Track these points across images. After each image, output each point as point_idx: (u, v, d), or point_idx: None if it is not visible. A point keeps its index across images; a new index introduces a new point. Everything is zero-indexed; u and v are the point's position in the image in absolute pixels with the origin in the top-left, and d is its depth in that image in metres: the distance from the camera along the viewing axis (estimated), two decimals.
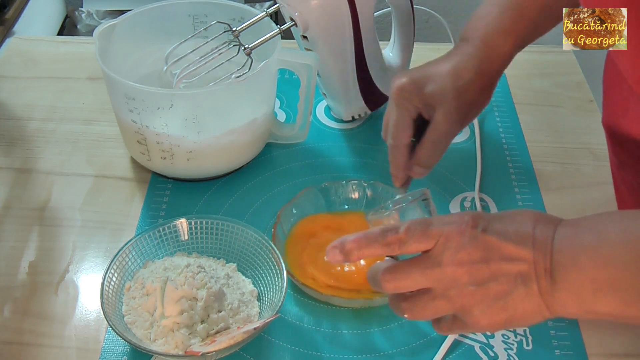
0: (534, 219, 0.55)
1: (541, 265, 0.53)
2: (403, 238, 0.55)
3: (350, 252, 0.56)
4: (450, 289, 0.55)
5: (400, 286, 0.56)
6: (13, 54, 1.07)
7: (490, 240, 0.54)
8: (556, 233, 0.54)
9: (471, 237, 0.54)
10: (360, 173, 0.87)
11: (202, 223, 0.75)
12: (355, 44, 0.84)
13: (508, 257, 0.54)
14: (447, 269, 0.54)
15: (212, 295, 0.66)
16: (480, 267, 0.54)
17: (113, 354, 0.67)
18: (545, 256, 0.53)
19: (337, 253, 0.57)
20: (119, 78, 0.76)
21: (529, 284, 0.53)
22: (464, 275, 0.54)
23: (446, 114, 0.70)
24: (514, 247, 0.54)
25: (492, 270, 0.54)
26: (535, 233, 0.54)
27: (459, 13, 2.06)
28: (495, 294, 0.54)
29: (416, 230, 0.55)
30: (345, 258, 0.57)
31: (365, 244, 0.56)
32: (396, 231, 0.55)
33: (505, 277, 0.54)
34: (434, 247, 0.55)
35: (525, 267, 0.54)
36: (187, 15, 0.88)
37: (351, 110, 0.92)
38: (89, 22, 1.91)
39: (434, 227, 0.55)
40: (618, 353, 0.68)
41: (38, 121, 0.94)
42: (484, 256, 0.54)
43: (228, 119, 0.80)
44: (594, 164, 0.88)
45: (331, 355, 0.68)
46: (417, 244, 0.55)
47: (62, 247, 0.78)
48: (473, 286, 0.54)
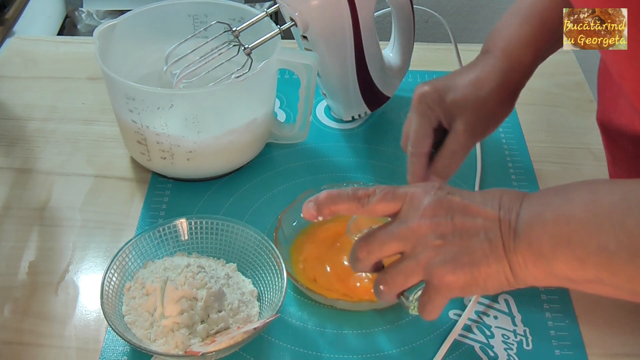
0: (501, 191, 0.58)
1: (506, 224, 0.55)
2: (371, 193, 0.59)
3: (323, 204, 0.60)
4: (416, 247, 0.57)
5: (372, 249, 0.59)
6: (13, 54, 1.07)
7: (455, 199, 0.57)
8: (524, 200, 0.56)
9: (436, 197, 0.57)
10: (361, 173, 0.87)
11: (202, 223, 0.75)
12: (355, 44, 0.84)
13: (472, 214, 0.56)
14: (412, 225, 0.57)
15: (212, 295, 0.66)
16: (444, 222, 0.56)
17: (113, 354, 0.67)
18: (510, 215, 0.55)
19: (311, 206, 0.61)
20: (119, 78, 0.76)
21: (494, 240, 0.55)
22: (427, 230, 0.56)
23: (467, 123, 0.70)
24: (478, 207, 0.57)
25: (456, 224, 0.56)
26: (502, 198, 0.57)
27: (459, 13, 2.06)
28: (459, 248, 0.56)
29: (384, 188, 0.59)
30: (318, 212, 0.60)
31: (337, 196, 0.60)
32: (366, 188, 0.60)
33: (469, 232, 0.56)
34: (400, 208, 0.58)
35: (490, 224, 0.56)
36: (187, 15, 0.88)
37: (351, 110, 0.92)
38: (89, 22, 1.91)
39: (401, 189, 0.59)
40: (618, 353, 0.68)
41: (38, 121, 0.94)
42: (447, 213, 0.57)
43: (228, 119, 0.80)
44: (594, 164, 0.88)
45: (331, 355, 0.68)
46: (384, 201, 0.59)
47: (62, 247, 0.78)
48: (438, 240, 0.56)
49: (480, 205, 0.57)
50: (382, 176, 0.86)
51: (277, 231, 0.74)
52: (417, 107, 0.72)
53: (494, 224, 0.56)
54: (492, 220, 0.56)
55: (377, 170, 0.87)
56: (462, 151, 0.71)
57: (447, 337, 0.68)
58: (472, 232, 0.56)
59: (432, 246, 0.56)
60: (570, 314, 0.71)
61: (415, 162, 0.72)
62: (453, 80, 0.73)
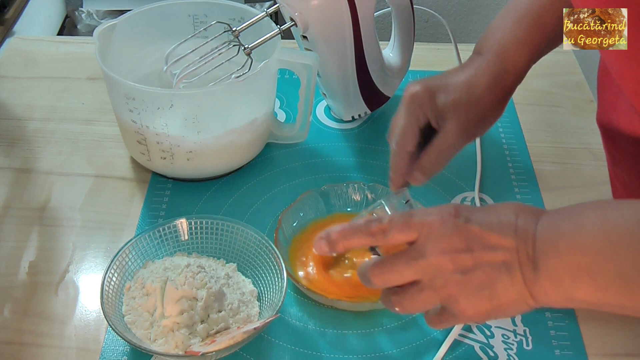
0: (516, 210, 0.56)
1: (524, 254, 0.54)
2: (386, 228, 0.57)
3: (336, 242, 0.58)
4: (435, 279, 0.56)
5: (388, 279, 0.57)
6: (13, 54, 1.07)
7: (472, 229, 0.55)
8: (538, 222, 0.55)
9: (453, 227, 0.55)
10: (361, 173, 0.87)
11: (202, 223, 0.75)
12: (355, 44, 0.83)
13: (491, 245, 0.55)
14: (431, 258, 0.55)
15: (212, 295, 0.66)
16: (464, 256, 0.55)
17: (113, 354, 0.67)
18: (527, 244, 0.54)
19: (323, 244, 0.59)
20: (119, 78, 0.76)
21: (513, 272, 0.54)
22: (448, 264, 0.55)
23: (457, 125, 0.70)
24: (496, 236, 0.55)
25: (475, 258, 0.55)
26: (518, 222, 0.55)
27: (459, 13, 2.06)
28: (480, 282, 0.55)
29: (399, 220, 0.57)
30: (331, 248, 0.58)
31: (350, 233, 0.58)
32: (379, 221, 0.57)
33: (489, 265, 0.55)
34: (417, 238, 0.56)
35: (509, 256, 0.54)
36: (187, 15, 0.88)
37: (351, 110, 0.92)
38: (89, 22, 1.91)
39: (416, 218, 0.57)
40: (618, 353, 0.68)
41: (38, 121, 0.94)
42: (467, 245, 0.55)
43: (228, 119, 0.80)
44: (593, 164, 0.88)
45: (331, 355, 0.68)
46: (400, 234, 0.57)
47: (62, 247, 0.78)
48: (458, 275, 0.55)
49: (497, 233, 0.55)
50: (382, 176, 0.85)
51: (277, 232, 0.74)
52: (407, 105, 0.71)
53: (512, 255, 0.54)
54: (511, 249, 0.54)
55: (377, 170, 0.87)
56: (449, 151, 0.71)
57: (447, 337, 0.68)
58: (492, 264, 0.55)
59: (453, 281, 0.55)
60: (570, 314, 0.71)
61: (397, 158, 0.72)
62: (445, 81, 0.72)
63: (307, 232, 0.77)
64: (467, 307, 0.55)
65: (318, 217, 0.78)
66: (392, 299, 0.58)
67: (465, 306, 0.55)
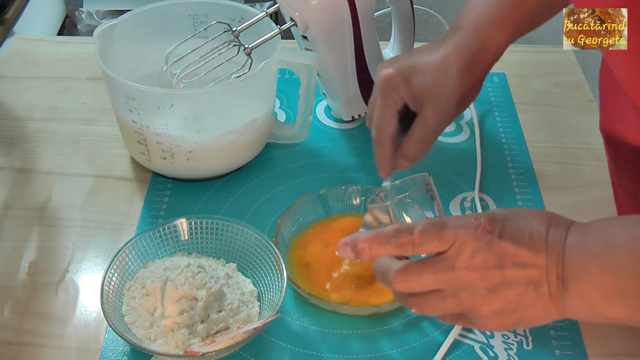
0: (547, 221, 0.55)
1: (553, 271, 0.54)
2: (417, 240, 0.55)
3: (362, 251, 0.57)
4: (461, 292, 0.55)
5: (412, 287, 0.56)
6: (13, 54, 1.07)
7: (505, 246, 0.54)
8: (567, 238, 0.54)
9: (487, 243, 0.54)
10: (361, 173, 0.87)
11: (202, 223, 0.74)
12: (355, 44, 0.83)
13: (522, 263, 0.54)
14: (460, 273, 0.54)
15: (212, 295, 0.66)
16: (493, 273, 0.54)
17: (113, 354, 0.67)
18: (557, 262, 0.53)
19: (348, 250, 0.57)
20: (119, 78, 0.76)
21: (540, 289, 0.54)
22: (477, 280, 0.54)
23: (436, 109, 0.68)
24: (528, 253, 0.54)
25: (505, 276, 0.54)
26: (549, 237, 0.54)
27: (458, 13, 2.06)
28: (506, 298, 0.54)
29: (431, 232, 0.55)
30: (356, 256, 0.57)
31: (378, 244, 0.56)
32: (410, 232, 0.55)
33: (518, 282, 0.54)
34: (448, 250, 0.55)
35: (538, 274, 0.54)
36: (187, 15, 0.88)
37: (351, 110, 0.92)
38: (89, 22, 1.91)
39: (448, 231, 0.55)
40: (618, 353, 0.68)
41: (38, 121, 0.94)
42: (498, 262, 0.54)
43: (228, 119, 0.80)
44: (593, 164, 0.88)
45: (331, 355, 0.68)
46: (431, 246, 0.55)
47: (62, 247, 0.78)
48: (485, 290, 0.54)
49: (529, 249, 0.54)
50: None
51: (276, 236, 0.74)
52: (382, 90, 0.69)
53: (541, 272, 0.54)
54: (541, 268, 0.54)
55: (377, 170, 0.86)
56: (431, 136, 0.70)
57: (447, 337, 0.68)
58: (521, 281, 0.54)
59: (479, 296, 0.54)
60: None
61: (380, 145, 0.70)
62: (419, 60, 0.70)
63: (306, 236, 0.76)
64: (490, 320, 0.55)
65: (317, 220, 0.78)
66: (410, 300, 0.57)
67: (488, 319, 0.55)
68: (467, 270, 0.54)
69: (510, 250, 0.54)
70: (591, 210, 0.81)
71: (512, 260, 0.54)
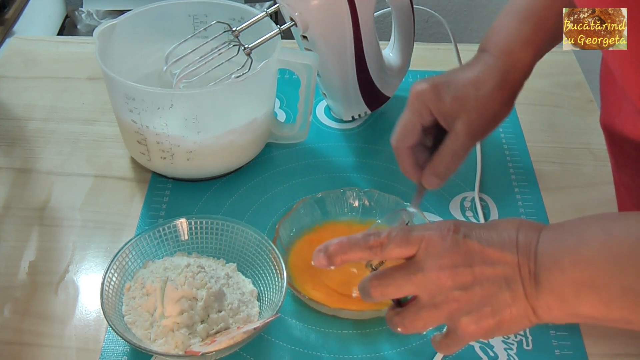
0: (517, 225, 0.56)
1: (525, 269, 0.54)
2: (384, 242, 0.56)
3: (334, 255, 0.58)
4: (435, 296, 0.55)
5: (387, 292, 0.57)
6: (13, 54, 1.07)
7: (472, 244, 0.55)
8: (540, 237, 0.54)
9: (453, 242, 0.55)
10: (361, 173, 0.87)
11: (202, 223, 0.75)
12: (355, 44, 0.83)
13: (491, 261, 0.54)
14: (430, 274, 0.55)
15: (212, 295, 0.66)
16: (463, 271, 0.54)
17: (113, 354, 0.67)
18: (529, 259, 0.54)
19: (321, 257, 0.58)
20: (119, 78, 0.76)
21: (514, 288, 0.54)
22: (447, 280, 0.54)
23: (467, 124, 0.69)
24: (496, 251, 0.54)
25: (475, 274, 0.54)
26: (519, 238, 0.55)
27: (458, 13, 2.06)
28: (480, 298, 0.54)
29: (398, 234, 0.56)
30: (329, 261, 0.58)
31: (348, 247, 0.57)
32: (378, 235, 0.57)
33: (490, 281, 0.54)
34: (416, 253, 0.56)
35: (509, 271, 0.54)
36: (187, 15, 0.88)
37: (351, 110, 0.92)
38: (89, 22, 1.91)
39: (415, 233, 0.56)
40: (618, 353, 0.68)
41: (38, 121, 0.94)
42: (466, 260, 0.54)
43: (228, 119, 0.80)
44: (593, 164, 0.88)
45: (331, 355, 0.68)
46: (399, 248, 0.56)
47: (62, 247, 0.78)
48: (458, 291, 0.54)
49: (498, 249, 0.54)
50: (382, 176, 0.86)
51: (275, 241, 0.73)
52: (413, 103, 0.70)
53: (513, 270, 0.54)
54: (512, 265, 0.54)
55: (377, 170, 0.87)
56: (462, 152, 0.70)
57: None
58: (493, 280, 0.54)
59: (453, 298, 0.55)
60: None
61: (400, 156, 0.71)
62: (452, 79, 0.72)
63: (304, 240, 0.76)
64: (469, 324, 0.55)
65: (315, 224, 0.78)
66: (394, 320, 0.58)
67: (466, 323, 0.55)
68: (436, 270, 0.55)
69: (477, 249, 0.55)
70: (591, 210, 0.81)
71: (480, 258, 0.54)
